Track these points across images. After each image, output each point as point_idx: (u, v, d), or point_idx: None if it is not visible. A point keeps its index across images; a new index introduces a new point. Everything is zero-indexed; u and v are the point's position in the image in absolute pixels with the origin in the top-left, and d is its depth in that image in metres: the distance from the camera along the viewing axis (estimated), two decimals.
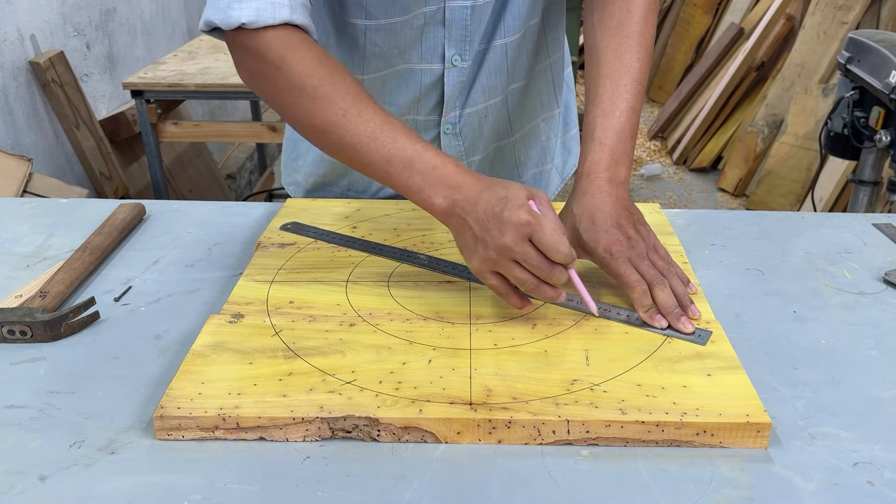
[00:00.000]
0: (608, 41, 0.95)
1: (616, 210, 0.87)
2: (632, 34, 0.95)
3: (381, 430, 0.68)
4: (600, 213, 0.87)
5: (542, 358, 0.77)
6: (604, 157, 0.90)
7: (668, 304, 0.82)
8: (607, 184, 0.89)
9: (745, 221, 1.13)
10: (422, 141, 0.84)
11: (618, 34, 0.95)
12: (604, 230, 0.86)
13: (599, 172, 0.90)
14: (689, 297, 0.84)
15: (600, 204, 0.88)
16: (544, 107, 1.23)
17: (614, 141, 0.91)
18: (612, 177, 0.90)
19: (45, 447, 0.68)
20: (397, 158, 0.83)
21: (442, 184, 0.81)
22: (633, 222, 0.88)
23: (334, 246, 1.00)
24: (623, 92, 0.92)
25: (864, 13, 3.62)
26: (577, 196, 0.90)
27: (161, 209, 1.16)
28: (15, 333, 0.82)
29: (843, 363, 0.80)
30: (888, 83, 2.00)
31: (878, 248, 1.05)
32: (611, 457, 0.67)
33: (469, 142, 1.16)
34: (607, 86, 0.93)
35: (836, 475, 0.65)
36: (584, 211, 0.88)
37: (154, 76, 2.23)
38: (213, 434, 0.68)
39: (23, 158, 2.04)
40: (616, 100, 0.92)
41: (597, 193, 0.89)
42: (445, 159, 0.83)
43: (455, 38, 1.03)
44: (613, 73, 0.93)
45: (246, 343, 0.79)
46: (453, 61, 1.05)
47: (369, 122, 0.84)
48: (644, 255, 0.86)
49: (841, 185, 3.24)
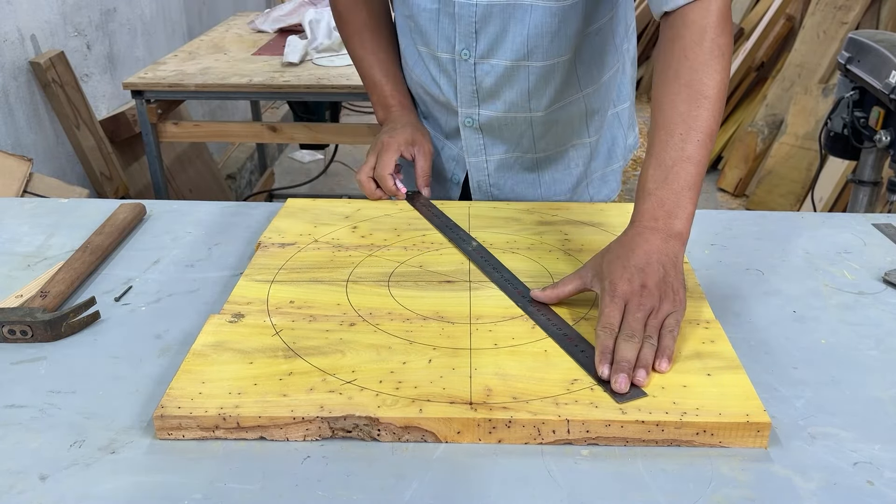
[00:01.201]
0: (664, 90, 0.90)
1: (650, 257, 0.81)
2: (691, 83, 0.88)
3: (381, 430, 0.68)
4: (632, 253, 0.82)
5: (542, 358, 0.77)
6: (649, 206, 0.85)
7: (621, 354, 0.74)
8: (651, 232, 0.83)
9: (745, 221, 1.13)
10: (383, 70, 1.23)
11: (674, 83, 0.89)
12: (623, 266, 0.81)
13: (644, 222, 0.85)
14: (649, 367, 0.74)
15: (636, 245, 0.82)
16: (575, 133, 1.22)
17: (664, 191, 0.85)
18: (658, 227, 0.84)
19: (45, 447, 0.68)
20: (368, 80, 1.25)
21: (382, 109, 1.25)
22: (662, 278, 0.80)
23: (334, 246, 1.00)
24: (678, 141, 0.86)
25: (864, 13, 3.62)
26: (619, 237, 0.86)
27: (161, 209, 1.16)
28: (15, 333, 0.82)
29: (843, 363, 0.80)
30: (888, 83, 2.00)
31: (878, 248, 1.05)
32: (611, 456, 0.67)
33: (489, 141, 1.19)
34: (661, 136, 0.87)
35: (836, 475, 0.65)
36: (619, 246, 0.84)
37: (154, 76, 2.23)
38: (213, 434, 0.68)
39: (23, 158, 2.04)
40: (669, 149, 0.86)
41: (637, 237, 0.84)
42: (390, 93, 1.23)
43: (463, 32, 1.09)
44: (668, 123, 0.87)
45: (246, 343, 0.79)
46: (462, 55, 1.11)
47: (363, 50, 1.24)
48: (646, 309, 0.78)
49: (841, 185, 3.24)
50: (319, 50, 2.43)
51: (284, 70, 2.28)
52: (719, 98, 0.88)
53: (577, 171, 1.26)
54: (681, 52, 0.90)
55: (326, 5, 2.71)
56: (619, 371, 0.72)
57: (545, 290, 0.86)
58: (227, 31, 2.86)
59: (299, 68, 2.31)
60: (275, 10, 2.86)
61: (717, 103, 0.88)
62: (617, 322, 0.77)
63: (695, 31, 0.90)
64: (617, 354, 0.74)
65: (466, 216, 1.09)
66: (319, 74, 2.24)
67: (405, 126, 1.19)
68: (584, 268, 0.86)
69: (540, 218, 1.09)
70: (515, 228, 1.06)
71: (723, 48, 0.89)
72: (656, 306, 0.78)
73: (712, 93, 0.87)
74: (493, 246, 1.00)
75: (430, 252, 0.99)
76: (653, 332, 0.76)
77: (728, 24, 0.91)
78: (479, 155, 1.21)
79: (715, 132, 0.87)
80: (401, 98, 1.23)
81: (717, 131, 0.88)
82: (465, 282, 0.92)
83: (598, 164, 1.28)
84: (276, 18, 2.79)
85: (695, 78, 0.88)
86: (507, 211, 1.11)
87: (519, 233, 1.04)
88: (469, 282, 0.91)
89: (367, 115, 4.87)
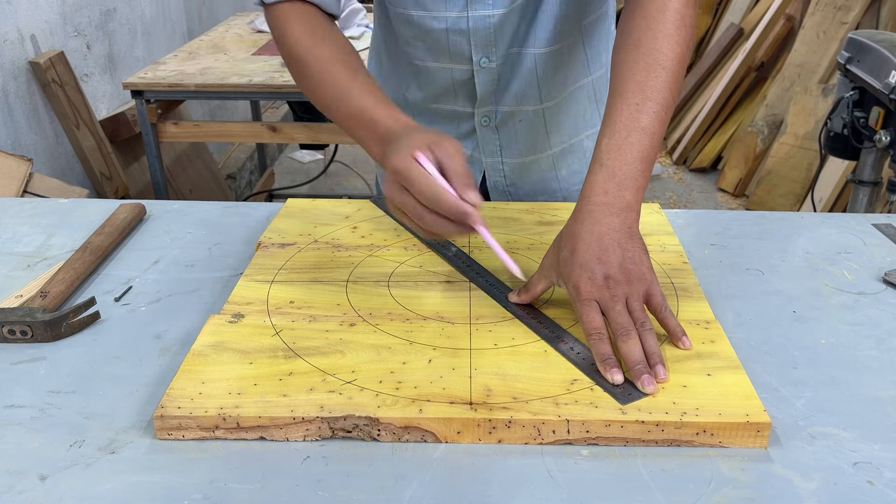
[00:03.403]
0: (623, 58, 0.87)
1: (602, 241, 0.78)
2: (650, 51, 0.85)
3: (381, 430, 0.68)
4: (582, 242, 0.78)
5: (542, 358, 0.77)
6: (601, 177, 0.81)
7: (629, 358, 0.73)
8: (601, 209, 0.80)
9: (745, 221, 1.13)
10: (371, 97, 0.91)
11: (634, 51, 0.86)
12: (579, 264, 0.78)
13: (594, 196, 0.81)
14: (660, 355, 0.74)
15: (586, 231, 0.79)
16: (587, 123, 1.21)
17: (616, 161, 0.81)
18: (608, 201, 0.80)
19: (45, 447, 0.68)
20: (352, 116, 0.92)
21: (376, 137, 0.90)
22: (622, 260, 0.77)
23: (334, 246, 1.00)
24: (632, 111, 0.83)
25: (864, 13, 3.62)
26: (570, 219, 0.83)
27: (161, 209, 1.16)
28: (15, 333, 0.82)
29: (843, 363, 0.80)
30: (888, 83, 2.00)
31: (878, 248, 1.05)
32: (611, 456, 0.67)
33: (505, 140, 1.18)
34: (617, 104, 0.84)
35: (836, 475, 0.65)
36: (569, 236, 0.80)
37: (154, 76, 2.23)
38: (213, 434, 0.68)
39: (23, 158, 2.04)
40: (624, 119, 0.83)
41: (587, 219, 0.80)
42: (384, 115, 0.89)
43: (480, 43, 1.07)
44: (624, 92, 0.84)
45: (246, 343, 0.79)
46: (481, 63, 1.09)
47: (337, 87, 0.93)
48: (620, 298, 0.76)
49: (841, 185, 3.24)
50: None
51: (284, 70, 2.28)
52: (678, 69, 0.85)
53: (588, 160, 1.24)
54: (642, 19, 0.87)
55: None
56: (638, 375, 0.71)
57: (520, 294, 0.85)
58: (227, 31, 2.86)
59: None
60: None
61: (676, 74, 0.85)
62: (600, 324, 0.75)
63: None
64: (626, 359, 0.73)
65: None
66: None
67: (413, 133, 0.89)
68: (544, 266, 0.84)
69: (540, 218, 1.09)
70: (515, 228, 1.06)
71: (686, 19, 0.86)
72: (628, 290, 0.76)
73: (670, 64, 0.84)
74: None
75: (430, 252, 0.99)
76: (641, 316, 0.75)
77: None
78: (494, 156, 1.20)
79: (671, 104, 0.84)
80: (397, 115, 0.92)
81: (673, 104, 0.85)
82: (465, 282, 0.92)
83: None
84: None
85: (654, 47, 0.85)
86: (507, 211, 1.11)
87: (519, 233, 1.04)
88: (469, 282, 0.91)
89: None
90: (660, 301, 0.78)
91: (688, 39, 0.87)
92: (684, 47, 0.86)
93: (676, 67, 0.85)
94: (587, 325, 0.76)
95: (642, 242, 0.80)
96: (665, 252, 0.98)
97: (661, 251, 0.99)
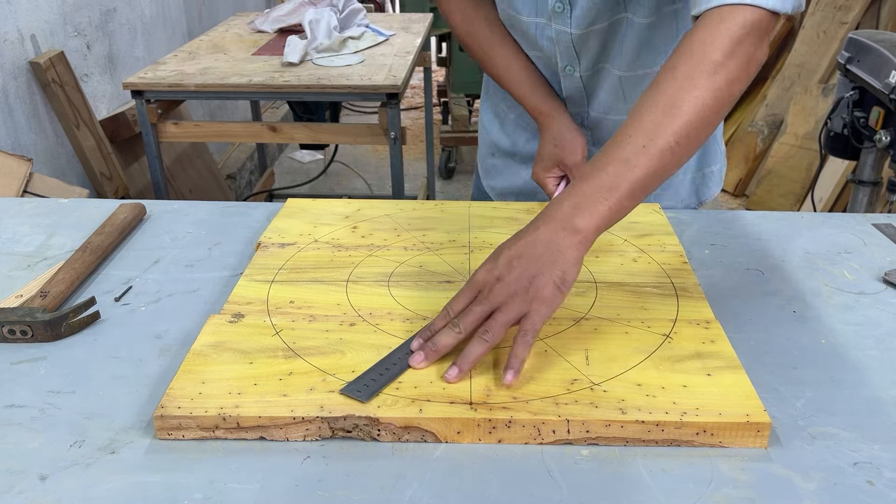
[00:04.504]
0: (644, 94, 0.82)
1: (526, 248, 0.76)
2: (663, 90, 0.80)
3: (381, 430, 0.68)
4: (516, 242, 0.77)
5: (542, 358, 0.77)
6: (564, 194, 0.79)
7: (434, 340, 0.74)
8: (545, 221, 0.77)
9: (745, 221, 1.13)
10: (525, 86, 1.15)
11: (652, 87, 0.81)
12: (497, 255, 0.77)
13: (550, 207, 0.79)
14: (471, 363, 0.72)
15: (525, 233, 0.78)
16: None
17: (584, 184, 0.78)
18: (557, 217, 0.77)
19: (45, 447, 0.68)
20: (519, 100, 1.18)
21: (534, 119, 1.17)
22: (526, 275, 0.74)
23: (334, 246, 1.00)
24: (621, 140, 0.79)
25: (864, 13, 3.62)
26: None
27: (161, 209, 1.16)
28: (15, 333, 0.82)
29: (843, 363, 0.80)
30: (888, 83, 2.00)
31: (878, 248, 1.05)
32: (611, 456, 0.67)
33: (594, 140, 1.22)
34: (616, 135, 0.80)
35: (836, 475, 0.65)
36: (514, 235, 0.80)
37: (154, 76, 2.23)
38: (213, 434, 0.68)
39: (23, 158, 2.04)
40: (609, 148, 0.79)
41: (531, 225, 0.79)
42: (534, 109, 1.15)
43: (564, 53, 1.12)
44: (625, 124, 0.80)
45: (246, 343, 0.79)
46: (566, 70, 1.14)
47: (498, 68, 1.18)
48: (486, 304, 0.74)
49: (841, 185, 3.24)
50: (319, 50, 2.43)
51: (284, 70, 2.28)
52: (692, 112, 0.78)
53: (675, 180, 1.24)
54: (669, 62, 0.82)
55: (327, 5, 2.71)
56: (422, 349, 0.74)
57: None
58: (227, 31, 2.85)
59: (299, 68, 2.31)
60: (275, 10, 2.86)
61: (686, 117, 0.78)
62: (458, 309, 0.76)
63: (694, 41, 0.82)
64: (434, 337, 0.75)
65: (466, 216, 1.09)
66: (319, 74, 2.24)
67: (547, 145, 1.13)
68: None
69: None
70: (515, 228, 1.05)
71: (716, 66, 0.80)
72: (504, 304, 0.74)
73: (680, 104, 0.79)
74: (493, 246, 1.00)
75: (430, 252, 0.99)
76: (493, 328, 0.73)
77: (741, 46, 0.81)
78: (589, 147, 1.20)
79: (671, 146, 0.78)
80: (541, 107, 1.15)
81: (676, 146, 0.78)
82: (464, 282, 0.92)
83: (689, 168, 1.25)
84: (275, 18, 2.79)
85: (668, 85, 0.80)
86: (508, 211, 1.11)
87: None
88: None
89: (367, 115, 4.87)
90: (526, 328, 0.73)
91: (716, 87, 0.79)
92: (707, 93, 0.79)
93: (689, 110, 0.78)
94: (450, 302, 0.78)
95: (565, 270, 0.75)
96: (665, 252, 0.99)
97: (661, 251, 0.99)
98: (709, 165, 1.27)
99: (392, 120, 2.18)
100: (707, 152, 1.26)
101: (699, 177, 1.26)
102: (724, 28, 0.81)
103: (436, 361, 0.75)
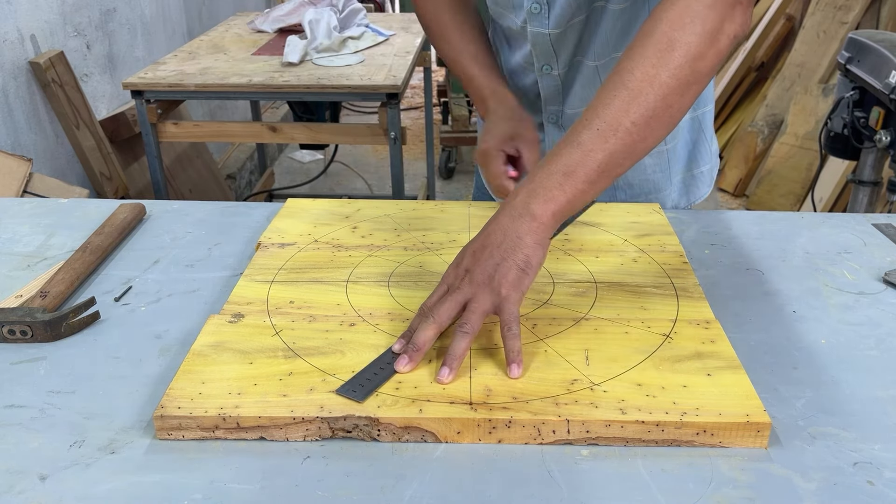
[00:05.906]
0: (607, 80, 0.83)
1: (488, 238, 0.78)
2: (619, 71, 0.81)
3: (381, 430, 0.68)
4: (480, 235, 0.80)
5: (542, 358, 0.77)
6: (522, 182, 0.81)
7: (414, 338, 0.75)
8: (504, 209, 0.79)
9: (745, 221, 1.13)
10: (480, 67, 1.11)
11: (612, 74, 0.82)
12: (464, 250, 0.80)
13: (507, 199, 0.81)
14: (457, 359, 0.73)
15: (486, 226, 0.80)
16: None
17: (539, 171, 0.80)
18: (513, 204, 0.79)
19: (45, 447, 0.68)
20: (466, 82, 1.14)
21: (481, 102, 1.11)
22: (490, 266, 0.76)
23: (334, 246, 1.00)
24: (579, 125, 0.80)
25: (864, 13, 3.62)
26: None
27: (161, 209, 1.16)
28: (15, 333, 0.82)
29: (843, 363, 0.80)
30: (888, 83, 2.00)
31: (878, 248, 1.05)
32: (611, 457, 0.67)
33: None
34: (576, 122, 0.81)
35: (836, 475, 0.65)
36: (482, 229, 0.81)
37: (154, 76, 2.23)
38: (213, 434, 0.68)
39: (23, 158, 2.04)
40: (569, 133, 0.80)
41: (493, 216, 0.81)
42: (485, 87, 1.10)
43: (541, 53, 1.12)
44: (585, 111, 0.81)
45: (246, 343, 0.79)
46: (543, 70, 1.14)
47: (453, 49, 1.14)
48: (458, 297, 0.76)
49: (841, 185, 3.24)
50: (319, 50, 2.43)
51: (284, 70, 2.28)
52: (646, 91, 0.78)
53: (655, 177, 1.23)
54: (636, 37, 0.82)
55: (326, 5, 2.71)
56: (405, 351, 0.75)
57: None
58: (227, 31, 2.85)
59: (299, 68, 2.31)
60: (274, 10, 2.86)
61: (641, 96, 0.78)
62: (431, 306, 0.78)
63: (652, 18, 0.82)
64: (413, 335, 0.76)
65: (466, 216, 1.09)
66: (319, 74, 2.24)
67: (500, 121, 1.06)
68: None
69: None
70: None
71: (676, 44, 0.79)
72: (475, 294, 0.76)
73: (636, 85, 0.79)
74: None
75: (430, 252, 0.99)
76: (470, 320, 0.74)
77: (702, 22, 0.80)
78: None
79: (627, 128, 0.78)
80: (494, 86, 1.10)
81: (633, 127, 0.78)
82: None
83: (678, 169, 1.23)
84: (275, 18, 2.79)
85: (623, 66, 0.80)
86: None
87: None
88: None
89: (367, 115, 4.87)
90: (507, 319, 0.75)
91: (675, 65, 0.79)
92: (664, 71, 0.79)
93: (645, 89, 0.79)
94: (425, 300, 0.80)
95: (527, 254, 0.76)
96: (665, 252, 0.99)
97: (661, 251, 0.99)
98: (698, 167, 1.25)
99: (392, 120, 2.18)
100: (696, 153, 1.25)
101: (689, 178, 1.26)
102: (682, 4, 0.80)
103: (433, 362, 0.75)
